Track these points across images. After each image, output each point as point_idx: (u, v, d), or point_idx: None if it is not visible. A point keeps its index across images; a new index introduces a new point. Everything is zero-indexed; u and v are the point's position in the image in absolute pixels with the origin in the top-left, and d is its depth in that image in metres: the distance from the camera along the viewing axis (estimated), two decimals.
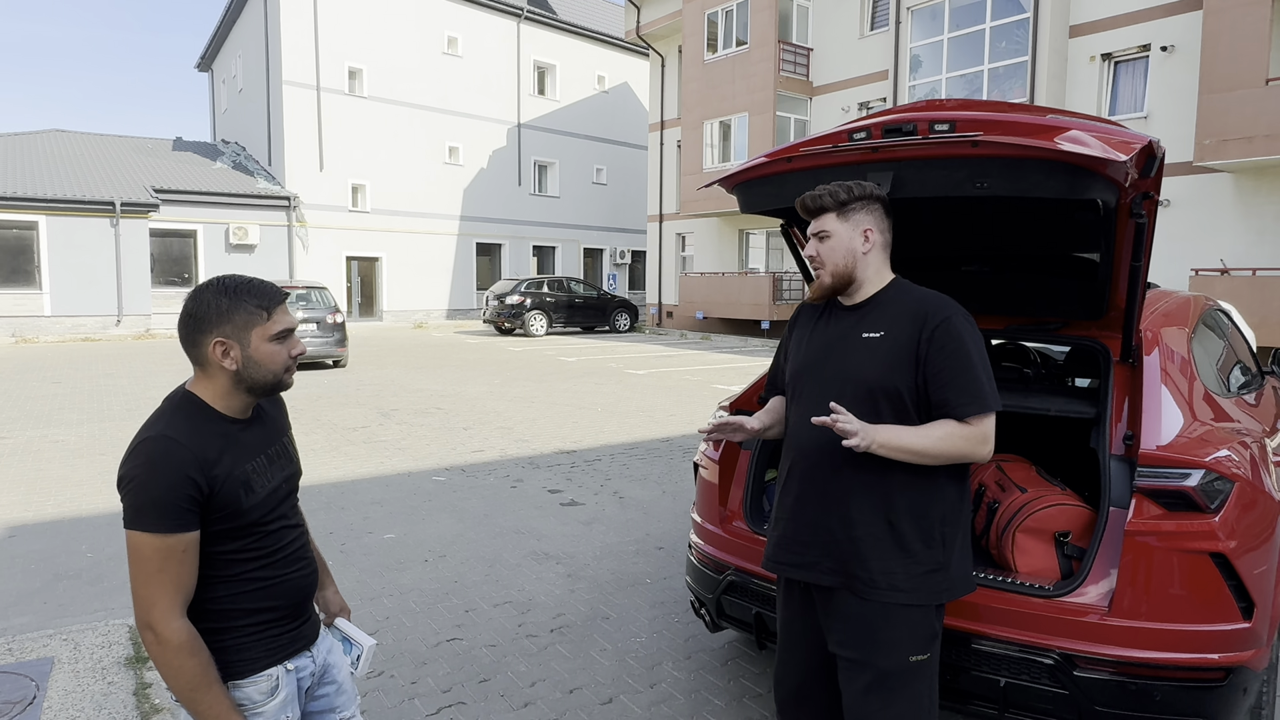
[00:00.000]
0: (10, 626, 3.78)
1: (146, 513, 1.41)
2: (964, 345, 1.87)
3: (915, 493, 1.89)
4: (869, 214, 2.00)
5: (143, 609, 1.42)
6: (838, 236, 1.98)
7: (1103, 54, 15.31)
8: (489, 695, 3.17)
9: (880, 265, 2.02)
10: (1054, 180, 2.14)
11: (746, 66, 20.79)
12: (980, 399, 1.84)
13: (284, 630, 1.62)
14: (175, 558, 1.42)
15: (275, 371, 1.56)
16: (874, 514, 1.90)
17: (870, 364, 1.93)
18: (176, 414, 1.51)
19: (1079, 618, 2.22)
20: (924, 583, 1.89)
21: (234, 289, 1.53)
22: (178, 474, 1.42)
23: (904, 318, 1.93)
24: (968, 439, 1.84)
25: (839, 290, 2.03)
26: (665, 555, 4.80)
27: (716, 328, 23.30)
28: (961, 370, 1.85)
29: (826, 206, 2.00)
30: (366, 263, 26.95)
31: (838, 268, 1.99)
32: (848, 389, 1.94)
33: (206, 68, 34.85)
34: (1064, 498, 2.52)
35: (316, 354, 14.22)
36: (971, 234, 2.97)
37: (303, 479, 6.27)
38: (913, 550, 1.89)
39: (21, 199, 19.94)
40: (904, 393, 1.89)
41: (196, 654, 1.44)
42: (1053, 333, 2.94)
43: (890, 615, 1.89)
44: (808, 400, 2.02)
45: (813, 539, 1.98)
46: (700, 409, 10.14)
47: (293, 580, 1.63)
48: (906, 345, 1.89)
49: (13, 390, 11.42)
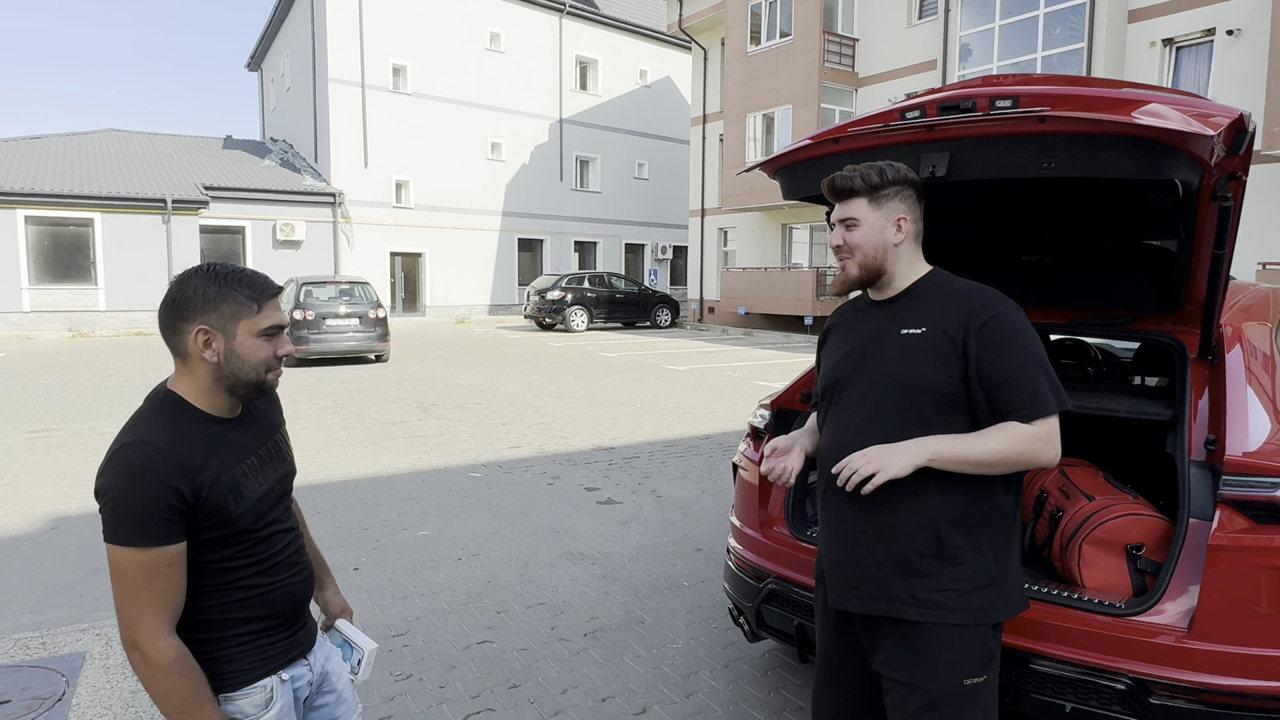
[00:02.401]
0: (46, 620, 3.77)
1: (126, 526, 1.30)
2: (1017, 342, 1.68)
3: (964, 502, 1.71)
4: (903, 200, 1.81)
5: (128, 628, 1.32)
6: (868, 224, 1.79)
7: (1164, 39, 14.71)
8: (519, 702, 3.06)
9: (913, 257, 1.84)
10: (1130, 159, 1.94)
11: (790, 58, 20.46)
12: (1040, 400, 1.66)
13: (278, 639, 1.51)
14: (160, 573, 1.32)
15: (258, 369, 1.44)
16: (920, 528, 1.72)
17: (912, 363, 1.74)
18: (158, 416, 1.40)
19: (1155, 639, 2.02)
20: (976, 600, 1.71)
21: (224, 277, 1.41)
22: (159, 484, 1.31)
23: (948, 312, 1.74)
24: (1031, 442, 1.65)
25: (865, 284, 1.86)
26: (704, 557, 4.66)
27: (758, 323, 23.02)
28: (1018, 370, 1.67)
29: (857, 190, 1.80)
30: (410, 258, 27.20)
31: (866, 259, 1.81)
32: (890, 393, 1.75)
33: (256, 67, 35.50)
34: (1137, 507, 2.32)
35: (359, 349, 14.35)
36: (1032, 220, 2.77)
37: (341, 473, 6.20)
38: (963, 564, 1.71)
39: (78, 197, 20.50)
40: (951, 393, 1.71)
41: (187, 674, 1.34)
42: (1122, 328, 2.72)
43: (941, 635, 1.71)
44: (846, 408, 1.84)
45: (853, 559, 1.80)
46: (742, 406, 9.96)
47: (287, 587, 1.52)
48: (952, 342, 1.71)
49: (66, 383, 11.68)
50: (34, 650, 3.46)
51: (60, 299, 20.68)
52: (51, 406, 9.70)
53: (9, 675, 3.22)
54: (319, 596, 1.77)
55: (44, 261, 20.62)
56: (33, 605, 3.93)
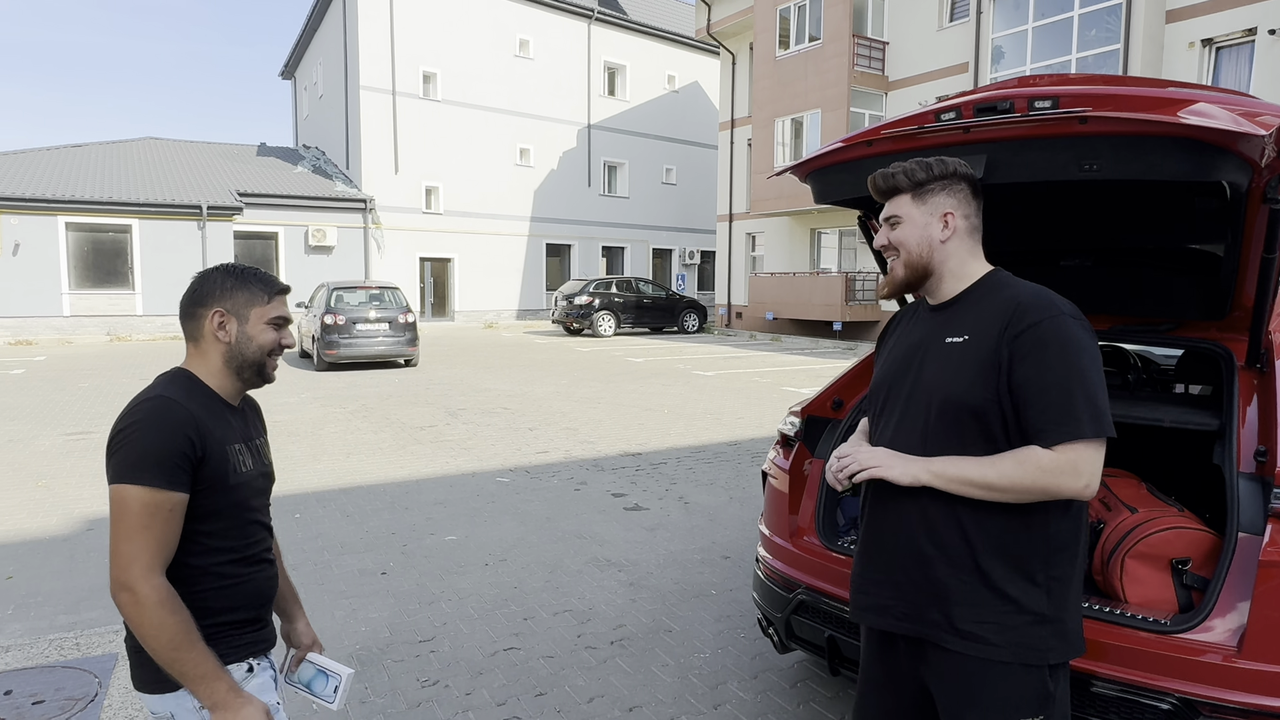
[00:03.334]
0: (80, 620, 3.82)
1: (141, 466, 1.39)
2: (1057, 353, 1.50)
3: (1001, 526, 1.55)
4: (950, 195, 1.68)
5: (120, 567, 1.38)
6: (912, 222, 1.68)
7: (1203, 40, 14.41)
8: (545, 710, 3.03)
9: (966, 256, 1.69)
10: (1176, 160, 1.88)
11: (819, 62, 20.34)
12: (1069, 421, 1.47)
13: (245, 633, 1.59)
14: (161, 516, 1.40)
15: (263, 351, 1.60)
16: (959, 551, 1.57)
17: (951, 375, 1.60)
18: (173, 383, 1.54)
19: (1203, 657, 1.95)
20: (1022, 636, 1.54)
21: (241, 272, 1.61)
22: (176, 430, 1.43)
23: (992, 318, 1.59)
24: (1048, 471, 1.46)
25: (913, 285, 1.73)
26: (731, 565, 4.61)
27: (787, 329, 22.88)
28: (1051, 385, 1.49)
29: (900, 187, 1.69)
30: (439, 264, 27.41)
31: (911, 257, 1.69)
32: (933, 406, 1.62)
33: (289, 75, 36.03)
34: (1182, 520, 2.24)
35: (388, 353, 14.46)
36: (1070, 224, 2.70)
37: (369, 477, 6.23)
38: (1007, 596, 1.55)
39: (117, 204, 20.93)
40: (990, 412, 1.55)
41: (177, 611, 1.39)
42: (1165, 334, 2.64)
43: (987, 671, 1.56)
44: (889, 418, 1.72)
45: (885, 577, 1.69)
46: (770, 412, 9.88)
47: (256, 581, 1.61)
48: (990, 352, 1.56)
49: (103, 386, 11.90)
50: (68, 651, 3.50)
51: (99, 304, 21.10)
52: (89, 409, 9.88)
53: (44, 675, 3.26)
54: (290, 629, 1.83)
55: (84, 267, 21.05)
56: (68, 606, 3.98)
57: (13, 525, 5.27)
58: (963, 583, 1.57)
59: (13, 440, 7.98)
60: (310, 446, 7.75)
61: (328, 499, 5.90)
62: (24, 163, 22.33)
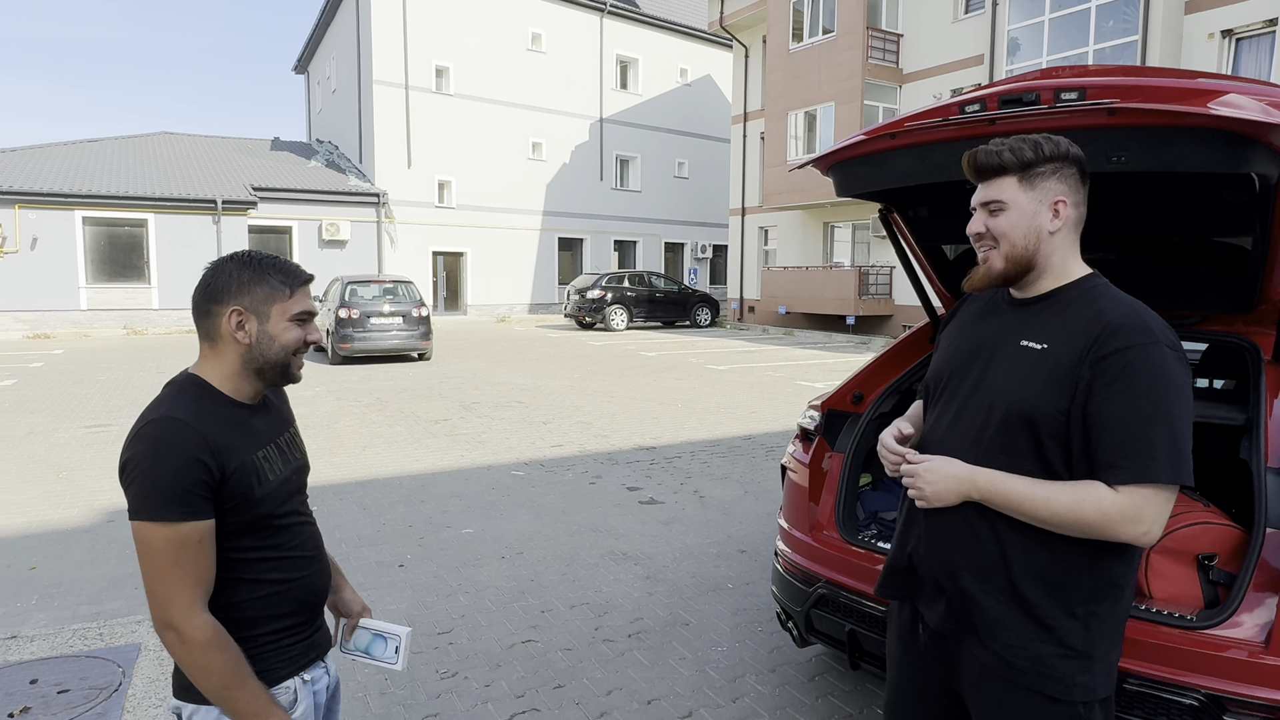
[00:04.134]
0: (103, 611, 3.86)
1: (154, 501, 1.28)
2: (1145, 384, 1.36)
3: (1049, 553, 1.44)
4: (1061, 180, 1.50)
5: (160, 608, 1.29)
6: (1018, 208, 1.50)
7: (1223, 30, 14.24)
8: (563, 702, 3.04)
9: (1068, 251, 1.53)
10: (1205, 151, 1.86)
11: (833, 55, 20.23)
12: (1145, 461, 1.34)
13: (299, 638, 1.51)
14: (190, 549, 1.30)
15: (286, 351, 1.45)
16: (994, 569, 1.49)
17: (1019, 381, 1.48)
18: (181, 397, 1.39)
19: (1229, 653, 1.93)
20: (1051, 668, 1.46)
21: (259, 263, 1.45)
22: (186, 457, 1.30)
23: (1077, 330, 1.44)
24: (1107, 514, 1.35)
25: (1011, 279, 1.55)
26: (747, 559, 4.61)
27: (799, 323, 22.81)
28: (1133, 418, 1.35)
29: (1006, 166, 1.50)
30: (452, 258, 27.46)
31: (1015, 249, 1.51)
32: (996, 411, 1.50)
33: (303, 70, 36.13)
34: (1208, 515, 2.22)
35: (402, 347, 14.52)
36: (1095, 216, 2.67)
37: (385, 470, 6.24)
38: (1044, 624, 1.45)
39: (133, 198, 21.05)
40: (1049, 430, 1.43)
41: (225, 649, 1.32)
42: (1190, 328, 2.62)
43: (1015, 696, 1.48)
44: (946, 412, 1.61)
45: (925, 573, 1.62)
46: (783, 406, 9.86)
47: (308, 582, 1.52)
48: (1067, 368, 1.42)
49: (120, 379, 12.00)
50: (91, 641, 3.54)
51: (115, 297, 21.25)
52: (108, 402, 9.97)
53: (68, 665, 3.30)
54: (337, 599, 1.74)
55: (100, 261, 21.20)
56: (90, 596, 4.03)
57: (35, 516, 5.33)
58: (996, 601, 1.49)
59: (33, 433, 8.06)
60: (326, 440, 7.79)
61: (344, 492, 5.93)
62: (41, 158, 22.50)
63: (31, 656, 3.37)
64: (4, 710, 2.94)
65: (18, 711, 2.93)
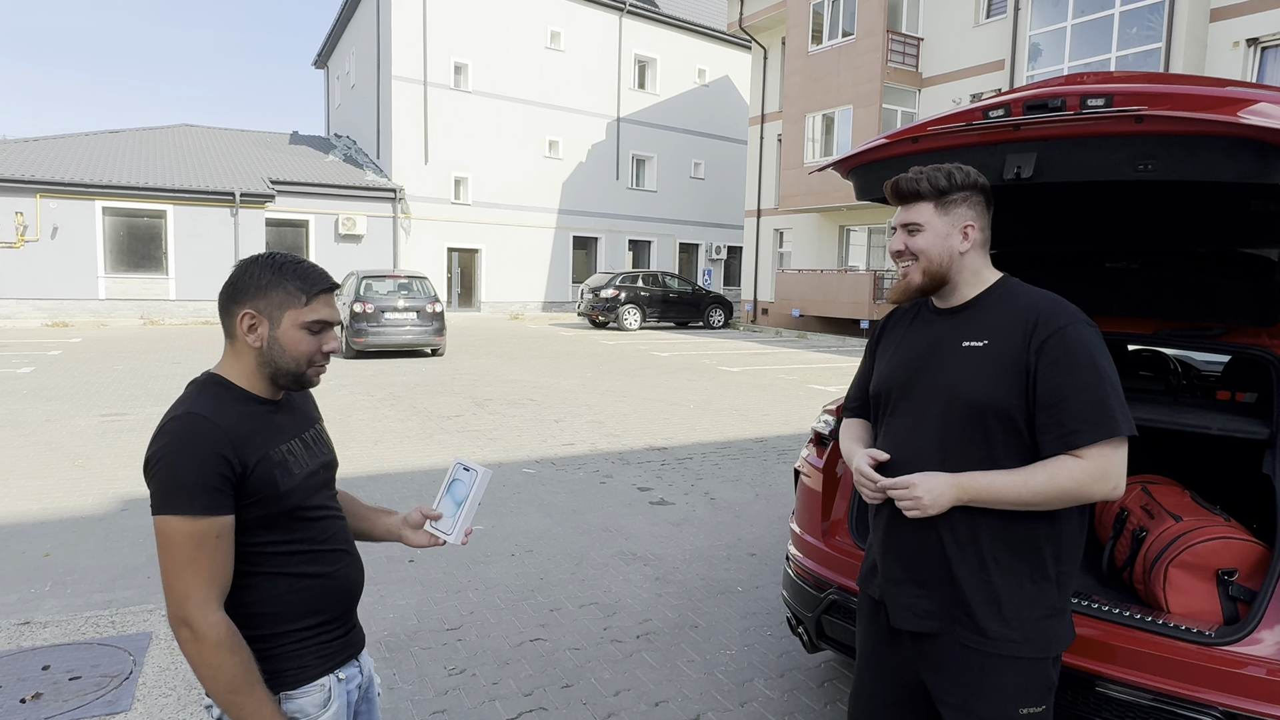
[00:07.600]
0: (115, 599, 3.88)
1: (176, 494, 1.29)
2: (1081, 358, 1.55)
3: (1023, 525, 1.61)
4: (970, 207, 1.70)
5: (176, 603, 1.29)
6: (933, 230, 1.69)
7: (1248, 39, 14.08)
8: (571, 702, 3.04)
9: (979, 265, 1.72)
10: (1235, 161, 1.84)
11: (852, 58, 20.15)
12: (1102, 422, 1.52)
13: (333, 636, 1.50)
14: (209, 544, 1.30)
15: (299, 361, 1.44)
16: (977, 551, 1.63)
17: (973, 378, 1.63)
18: (203, 394, 1.40)
19: (1248, 670, 1.90)
20: (1040, 630, 1.62)
21: (281, 266, 1.43)
22: (208, 451, 1.31)
23: (1012, 324, 1.63)
24: (1080, 480, 1.52)
25: (928, 292, 1.75)
26: (757, 562, 4.59)
27: (813, 326, 22.74)
28: (1082, 388, 1.54)
29: (922, 194, 1.69)
30: (466, 254, 27.54)
31: (931, 265, 1.70)
32: (951, 410, 1.65)
33: (323, 65, 36.32)
34: (1229, 530, 2.19)
35: (416, 342, 14.57)
36: (1118, 225, 2.65)
37: (397, 465, 6.23)
38: (1024, 590, 1.62)
39: (152, 189, 21.23)
40: (1016, 415, 1.59)
41: (237, 651, 1.31)
42: (1213, 340, 2.58)
43: (1002, 665, 1.62)
44: (905, 421, 1.74)
45: (908, 577, 1.71)
46: (796, 409, 9.83)
47: (341, 576, 1.51)
48: (1014, 357, 1.60)
49: (137, 369, 12.09)
50: (104, 628, 3.56)
51: (133, 287, 21.43)
52: (124, 391, 10.05)
53: (80, 652, 3.32)
54: (391, 522, 1.75)
55: (119, 251, 21.38)
56: (103, 584, 4.05)
57: (50, 503, 5.37)
58: (985, 581, 1.63)
59: (50, 420, 8.13)
60: (339, 433, 7.81)
61: (356, 486, 5.95)
62: (63, 148, 22.71)
63: (44, 643, 3.40)
64: (16, 695, 2.96)
65: (29, 697, 2.95)
